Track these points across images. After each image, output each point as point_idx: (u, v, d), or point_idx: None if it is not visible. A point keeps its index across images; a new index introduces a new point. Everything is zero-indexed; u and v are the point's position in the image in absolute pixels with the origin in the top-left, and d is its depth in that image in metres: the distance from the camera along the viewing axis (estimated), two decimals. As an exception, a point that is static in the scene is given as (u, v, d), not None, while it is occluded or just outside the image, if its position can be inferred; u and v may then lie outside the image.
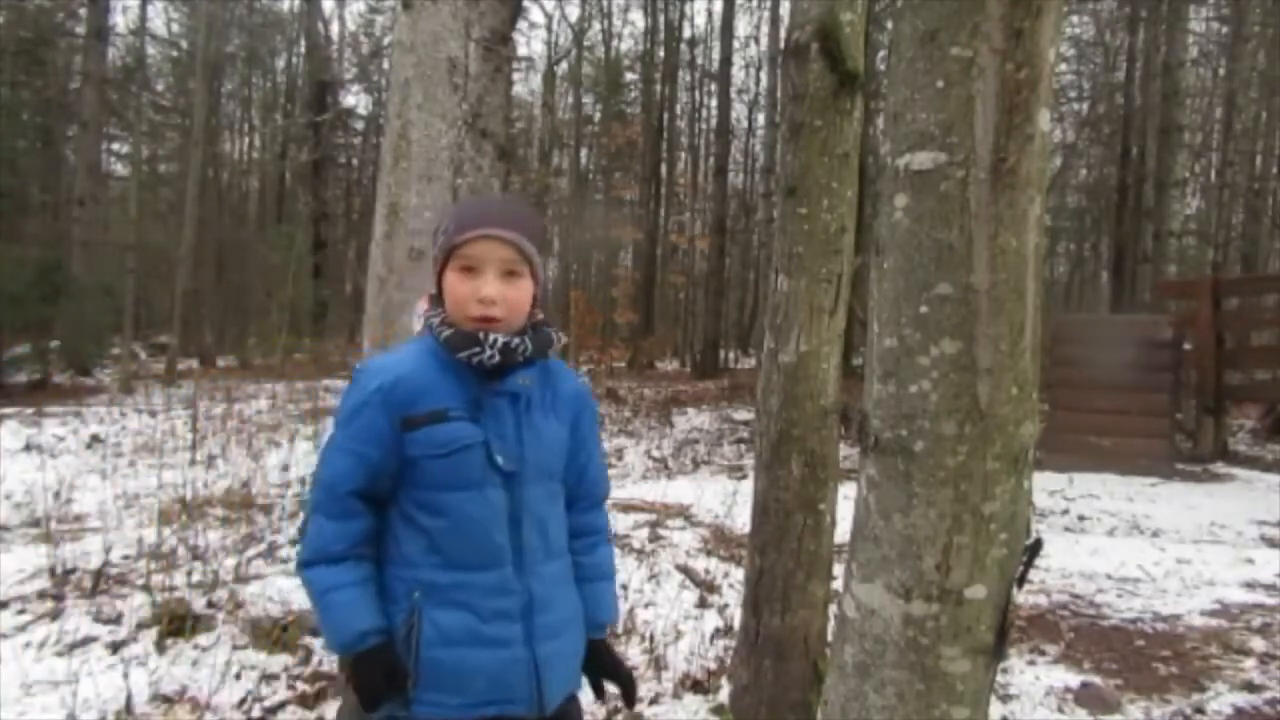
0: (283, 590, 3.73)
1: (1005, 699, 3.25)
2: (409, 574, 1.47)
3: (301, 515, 2.30)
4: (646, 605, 3.92)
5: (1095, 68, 20.92)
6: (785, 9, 9.74)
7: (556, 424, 1.56)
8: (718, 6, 22.98)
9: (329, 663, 3.14)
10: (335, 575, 1.47)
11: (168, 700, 2.97)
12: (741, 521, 4.71)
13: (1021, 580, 0.90)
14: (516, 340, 1.48)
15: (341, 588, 1.46)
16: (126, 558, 4.33)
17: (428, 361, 1.50)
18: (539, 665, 1.48)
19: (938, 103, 0.82)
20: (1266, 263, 18.54)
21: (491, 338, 1.46)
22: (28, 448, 7.80)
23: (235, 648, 3.29)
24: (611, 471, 5.70)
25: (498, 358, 1.46)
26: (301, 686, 3.06)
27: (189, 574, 3.95)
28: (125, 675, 2.96)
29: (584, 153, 27.73)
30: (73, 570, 4.12)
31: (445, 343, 1.48)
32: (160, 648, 3.35)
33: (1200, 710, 3.18)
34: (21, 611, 3.70)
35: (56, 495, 5.72)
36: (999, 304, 0.82)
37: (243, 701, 2.92)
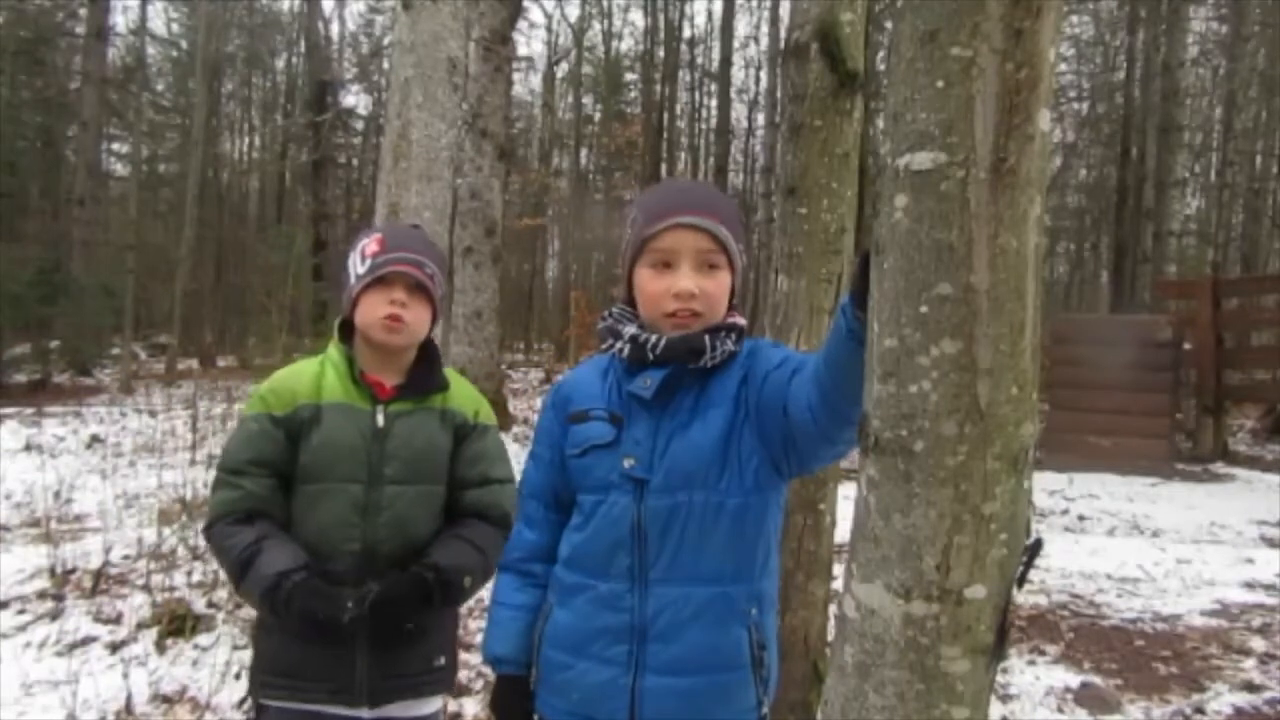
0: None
1: (1005, 699, 3.25)
2: (557, 569, 1.46)
3: None
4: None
5: (1095, 68, 20.93)
6: (785, 9, 9.76)
7: (700, 428, 1.37)
8: (718, 6, 22.99)
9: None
10: (501, 589, 1.52)
11: (168, 700, 2.98)
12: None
13: (1021, 580, 0.90)
14: (647, 335, 1.38)
15: (499, 605, 1.50)
16: (126, 558, 4.33)
17: (595, 364, 1.50)
18: (637, 698, 1.34)
19: (938, 103, 0.82)
20: (1266, 263, 18.53)
21: (626, 331, 1.40)
22: (28, 448, 7.81)
23: (235, 648, 3.29)
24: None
25: (627, 350, 1.39)
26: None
27: (189, 574, 3.95)
28: (125, 675, 2.96)
29: (584, 153, 27.71)
30: (73, 570, 4.12)
31: (598, 334, 1.47)
32: (160, 648, 3.35)
33: (1200, 710, 3.18)
34: (21, 611, 3.71)
35: (56, 495, 5.72)
36: (999, 304, 0.82)
37: (243, 701, 2.91)
